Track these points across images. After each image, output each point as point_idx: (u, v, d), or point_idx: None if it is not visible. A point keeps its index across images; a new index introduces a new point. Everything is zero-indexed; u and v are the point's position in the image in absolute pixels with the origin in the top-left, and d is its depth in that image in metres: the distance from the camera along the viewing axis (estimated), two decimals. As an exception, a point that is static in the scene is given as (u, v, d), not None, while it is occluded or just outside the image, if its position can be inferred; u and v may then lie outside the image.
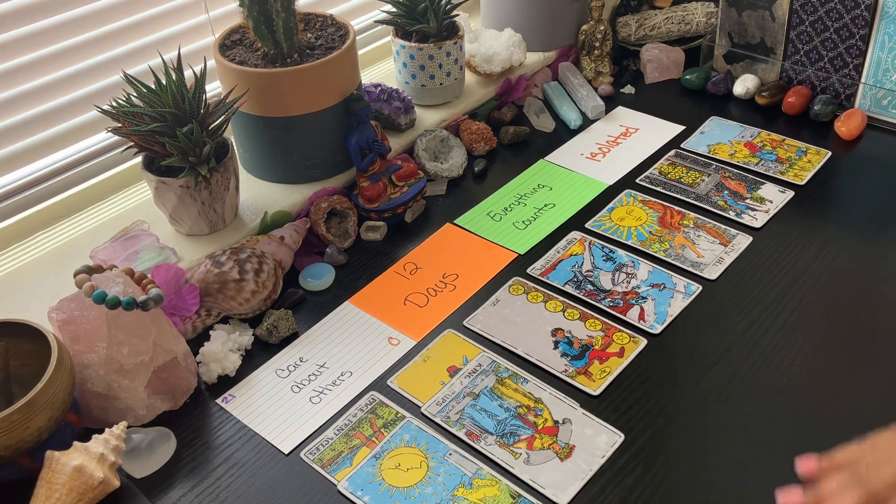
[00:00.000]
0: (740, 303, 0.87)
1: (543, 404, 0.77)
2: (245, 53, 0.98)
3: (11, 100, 0.94)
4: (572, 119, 1.15)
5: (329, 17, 1.04)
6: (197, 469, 0.74)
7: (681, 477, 0.71)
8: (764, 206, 0.99)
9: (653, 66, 1.24)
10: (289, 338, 0.86)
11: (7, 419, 0.65)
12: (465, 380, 0.80)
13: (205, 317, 0.87)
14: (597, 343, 0.83)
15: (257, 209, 0.98)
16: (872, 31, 1.07)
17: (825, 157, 1.07)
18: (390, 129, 1.10)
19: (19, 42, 0.94)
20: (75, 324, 0.74)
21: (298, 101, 0.95)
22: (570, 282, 0.91)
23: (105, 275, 0.77)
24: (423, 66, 1.10)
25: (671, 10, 1.28)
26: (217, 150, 0.90)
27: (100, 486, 0.68)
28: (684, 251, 0.94)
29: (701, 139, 1.12)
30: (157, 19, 1.05)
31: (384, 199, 1.00)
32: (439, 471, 0.72)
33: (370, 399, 0.79)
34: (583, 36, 1.23)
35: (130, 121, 0.84)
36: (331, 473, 0.73)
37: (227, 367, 0.82)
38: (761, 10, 1.15)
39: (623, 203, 1.01)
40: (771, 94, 1.15)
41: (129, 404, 0.76)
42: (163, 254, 0.90)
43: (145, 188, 1.03)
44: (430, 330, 0.86)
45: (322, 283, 0.92)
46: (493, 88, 1.19)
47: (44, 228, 0.99)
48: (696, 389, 0.78)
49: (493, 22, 1.25)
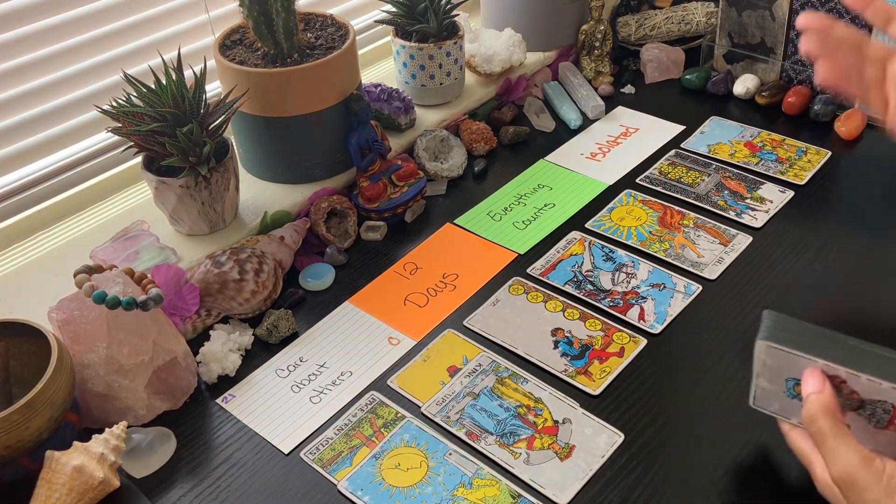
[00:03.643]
0: (740, 303, 0.87)
1: (543, 404, 0.77)
2: (245, 53, 0.98)
3: (11, 100, 0.94)
4: (572, 119, 1.16)
5: (329, 17, 1.04)
6: (197, 469, 0.74)
7: (681, 477, 0.71)
8: (764, 206, 0.99)
9: (653, 66, 1.24)
10: (289, 338, 0.86)
11: (7, 419, 0.65)
12: (465, 380, 0.80)
13: (205, 317, 0.87)
14: (597, 343, 0.83)
15: (257, 209, 0.98)
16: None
17: (825, 157, 1.07)
18: (390, 129, 1.10)
19: (19, 42, 0.94)
20: (75, 324, 0.74)
21: (298, 101, 0.95)
22: (570, 282, 0.91)
23: (105, 275, 0.77)
24: (423, 66, 1.10)
25: (671, 10, 1.28)
26: (217, 150, 0.90)
27: (100, 485, 0.68)
28: (684, 251, 0.94)
29: (701, 139, 1.12)
30: (157, 19, 1.05)
31: (384, 199, 1.00)
32: (439, 471, 0.72)
33: (370, 399, 0.79)
34: (583, 36, 1.23)
35: (130, 121, 0.84)
36: (331, 473, 0.73)
37: (227, 367, 0.82)
38: (761, 10, 1.15)
39: (623, 203, 1.01)
40: (771, 94, 1.15)
41: (129, 404, 0.76)
42: (163, 254, 0.90)
43: (145, 188, 1.03)
44: (430, 330, 0.86)
45: (322, 283, 0.92)
46: (493, 88, 1.19)
47: (44, 228, 0.99)
48: (696, 389, 0.78)
49: (493, 22, 1.25)
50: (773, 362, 0.65)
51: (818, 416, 0.60)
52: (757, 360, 0.66)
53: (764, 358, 0.65)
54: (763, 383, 0.67)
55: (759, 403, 0.69)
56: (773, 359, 0.64)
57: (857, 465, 0.58)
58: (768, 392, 0.67)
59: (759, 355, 0.65)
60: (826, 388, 0.61)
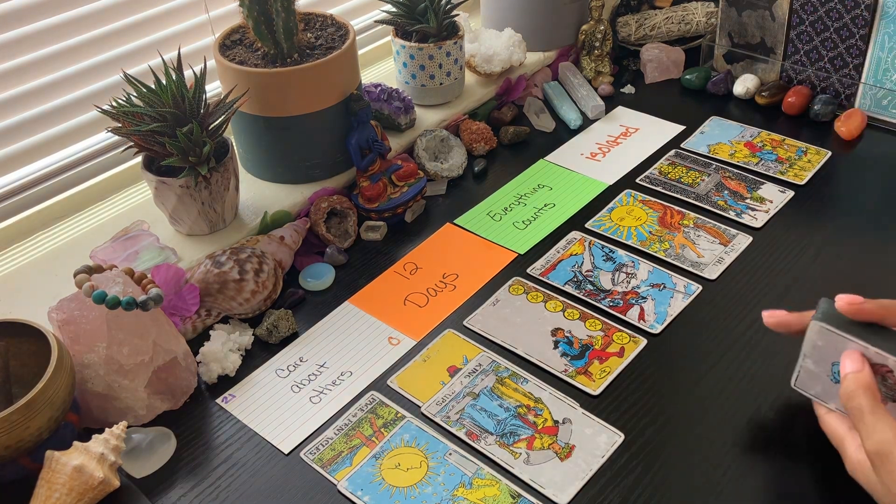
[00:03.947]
0: (740, 303, 0.87)
1: (543, 404, 0.77)
2: (245, 53, 0.98)
3: (11, 100, 0.94)
4: (572, 119, 1.15)
5: (329, 17, 1.04)
6: (197, 469, 0.74)
7: (681, 477, 0.71)
8: (764, 206, 0.99)
9: (653, 65, 1.24)
10: (289, 338, 0.86)
11: (7, 419, 0.65)
12: (465, 380, 0.80)
13: (205, 317, 0.87)
14: (597, 343, 0.83)
15: (257, 209, 0.98)
16: (872, 31, 1.07)
17: (825, 157, 1.07)
18: (390, 129, 1.10)
19: (19, 42, 0.94)
20: (75, 324, 0.74)
21: (298, 101, 0.95)
22: (570, 282, 0.91)
23: (105, 275, 0.77)
24: (423, 66, 1.10)
25: (671, 10, 1.28)
26: (217, 150, 0.90)
27: (100, 485, 0.68)
28: (684, 251, 0.94)
29: (701, 139, 1.12)
30: (157, 19, 1.05)
31: (384, 199, 1.00)
32: (439, 471, 0.72)
33: (370, 399, 0.79)
34: (583, 36, 1.23)
35: (130, 121, 0.84)
36: (331, 473, 0.73)
37: (227, 367, 0.82)
38: (761, 10, 1.15)
39: (623, 203, 1.01)
40: (771, 93, 1.15)
41: (129, 404, 0.76)
42: (163, 254, 0.90)
43: (145, 188, 1.03)
44: (430, 330, 0.86)
45: (322, 283, 0.92)
46: (493, 88, 1.19)
47: (44, 228, 0.99)
48: (696, 389, 0.78)
49: (493, 22, 1.25)
50: (823, 344, 0.67)
51: (857, 393, 0.63)
52: (807, 341, 0.68)
53: (815, 339, 0.67)
54: (809, 364, 0.69)
55: (800, 385, 0.70)
56: (824, 341, 0.67)
57: (892, 441, 0.60)
58: (812, 374, 0.69)
59: (811, 336, 0.67)
60: (865, 368, 0.64)
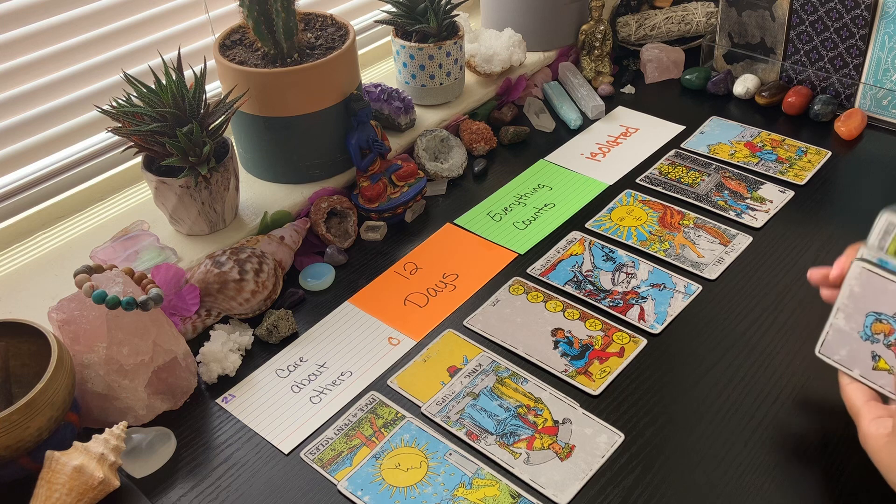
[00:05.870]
0: (740, 303, 0.87)
1: (543, 404, 0.77)
2: (245, 53, 0.98)
3: (11, 100, 0.94)
4: (572, 119, 1.16)
5: (329, 17, 1.04)
6: (197, 469, 0.74)
7: (681, 477, 0.71)
8: (764, 206, 0.99)
9: (653, 65, 1.24)
10: (289, 338, 0.86)
11: (7, 419, 0.65)
12: (465, 380, 0.80)
13: (205, 317, 0.87)
14: (597, 343, 0.83)
15: (257, 209, 0.98)
16: (872, 31, 1.07)
17: (825, 157, 1.07)
18: (390, 129, 1.10)
19: (19, 42, 0.94)
20: (75, 324, 0.74)
21: (298, 101, 0.95)
22: (570, 282, 0.91)
23: (105, 275, 0.77)
24: (423, 66, 1.10)
25: (671, 10, 1.28)
26: (217, 150, 0.90)
27: (100, 485, 0.68)
28: (684, 251, 0.94)
29: (701, 139, 1.12)
30: (157, 19, 1.05)
31: (384, 199, 1.00)
32: (439, 471, 0.72)
33: (370, 399, 0.79)
34: (583, 36, 1.23)
35: (130, 121, 0.84)
36: (331, 473, 0.73)
37: (227, 367, 0.82)
38: (761, 10, 1.15)
39: (623, 203, 1.01)
40: (771, 93, 1.16)
41: (129, 404, 0.76)
42: (163, 254, 0.90)
43: (145, 188, 1.03)
44: (430, 330, 0.86)
45: (322, 283, 0.92)
46: (493, 88, 1.19)
47: (44, 228, 0.99)
48: (696, 389, 0.78)
49: (493, 22, 1.25)
50: (861, 290, 0.65)
51: None
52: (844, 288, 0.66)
53: (853, 285, 0.65)
54: (839, 321, 0.67)
55: (825, 350, 0.69)
56: (864, 286, 0.64)
57: None
58: (841, 334, 0.67)
59: (849, 281, 0.65)
60: None
